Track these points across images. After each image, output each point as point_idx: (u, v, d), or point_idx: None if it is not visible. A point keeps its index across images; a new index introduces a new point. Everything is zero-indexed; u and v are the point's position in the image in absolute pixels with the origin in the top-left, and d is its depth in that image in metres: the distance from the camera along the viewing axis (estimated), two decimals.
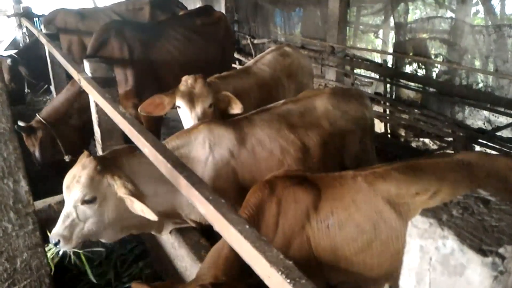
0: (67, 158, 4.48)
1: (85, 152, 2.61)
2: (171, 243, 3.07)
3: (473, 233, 0.74)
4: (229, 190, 2.94)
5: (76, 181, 2.46)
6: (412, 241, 0.81)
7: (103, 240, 2.74)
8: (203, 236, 2.94)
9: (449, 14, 6.07)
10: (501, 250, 0.70)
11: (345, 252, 2.24)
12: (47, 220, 2.99)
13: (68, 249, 2.51)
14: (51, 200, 3.33)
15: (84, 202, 2.45)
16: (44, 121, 4.49)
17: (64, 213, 2.50)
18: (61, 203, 2.58)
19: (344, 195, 2.31)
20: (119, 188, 2.45)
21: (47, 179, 4.32)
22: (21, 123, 4.32)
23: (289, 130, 3.07)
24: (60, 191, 3.37)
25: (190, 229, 3.00)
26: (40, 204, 3.24)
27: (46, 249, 2.62)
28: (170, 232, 3.00)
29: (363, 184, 2.32)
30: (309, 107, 3.27)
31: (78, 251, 2.93)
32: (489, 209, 0.82)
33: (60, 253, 2.46)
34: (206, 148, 2.89)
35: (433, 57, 6.12)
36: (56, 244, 2.43)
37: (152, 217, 2.36)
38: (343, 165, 3.30)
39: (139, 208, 2.38)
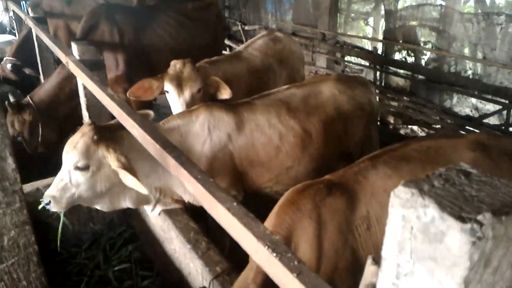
0: (40, 149, 4.42)
1: (89, 120, 2.65)
2: (160, 226, 3.08)
3: (453, 202, 0.76)
4: (225, 173, 2.95)
5: (73, 147, 2.51)
6: (394, 211, 0.83)
7: (98, 208, 2.75)
8: (192, 219, 2.96)
9: (439, 1, 6.09)
10: (479, 217, 0.72)
11: None
12: (35, 203, 2.97)
13: (57, 210, 2.55)
14: (40, 183, 3.30)
15: (77, 168, 2.50)
16: (34, 107, 4.39)
17: (59, 176, 2.57)
18: (50, 186, 2.59)
19: (373, 188, 2.13)
20: (112, 161, 2.48)
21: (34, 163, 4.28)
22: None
23: (289, 116, 3.06)
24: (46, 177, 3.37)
25: (179, 212, 3.01)
26: (28, 187, 3.22)
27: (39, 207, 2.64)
28: (159, 215, 3.01)
29: (387, 170, 2.17)
30: (314, 92, 3.25)
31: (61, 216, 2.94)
32: (470, 180, 0.84)
33: (51, 211, 2.53)
34: (205, 130, 2.90)
35: (422, 44, 6.15)
36: (47, 204, 2.51)
37: (143, 190, 2.40)
38: (346, 151, 3.30)
39: (131, 181, 2.40)
